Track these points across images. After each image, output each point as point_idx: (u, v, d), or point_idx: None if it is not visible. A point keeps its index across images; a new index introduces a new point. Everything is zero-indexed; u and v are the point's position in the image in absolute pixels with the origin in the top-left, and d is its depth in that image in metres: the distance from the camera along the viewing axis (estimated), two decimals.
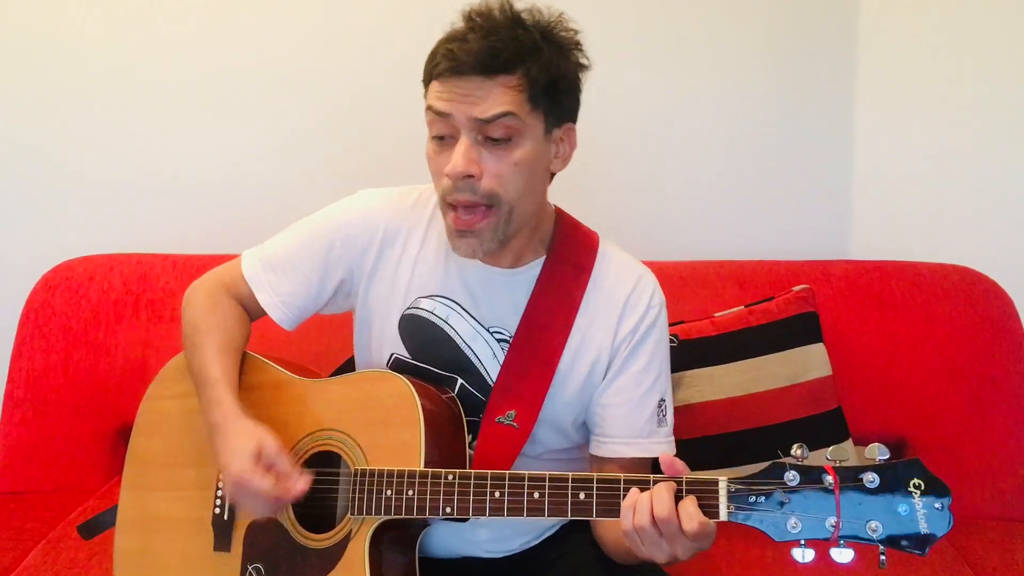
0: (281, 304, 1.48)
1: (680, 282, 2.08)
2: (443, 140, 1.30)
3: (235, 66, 2.23)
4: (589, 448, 1.48)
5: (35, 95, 2.23)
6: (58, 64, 2.21)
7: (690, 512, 1.12)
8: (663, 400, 1.45)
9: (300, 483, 1.30)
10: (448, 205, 1.32)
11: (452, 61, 1.25)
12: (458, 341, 1.44)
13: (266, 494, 1.28)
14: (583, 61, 1.35)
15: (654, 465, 1.35)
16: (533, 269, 1.44)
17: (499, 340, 1.44)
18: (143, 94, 2.23)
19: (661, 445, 1.43)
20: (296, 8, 2.21)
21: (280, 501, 1.30)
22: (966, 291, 2.04)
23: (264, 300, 1.49)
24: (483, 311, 1.44)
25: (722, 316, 1.96)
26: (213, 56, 2.22)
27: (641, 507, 1.14)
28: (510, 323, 1.44)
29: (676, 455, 1.20)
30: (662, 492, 1.14)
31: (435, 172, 1.33)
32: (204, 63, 2.22)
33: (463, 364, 1.44)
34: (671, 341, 1.81)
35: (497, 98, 1.26)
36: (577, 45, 1.34)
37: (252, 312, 1.52)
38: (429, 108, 1.30)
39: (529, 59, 1.27)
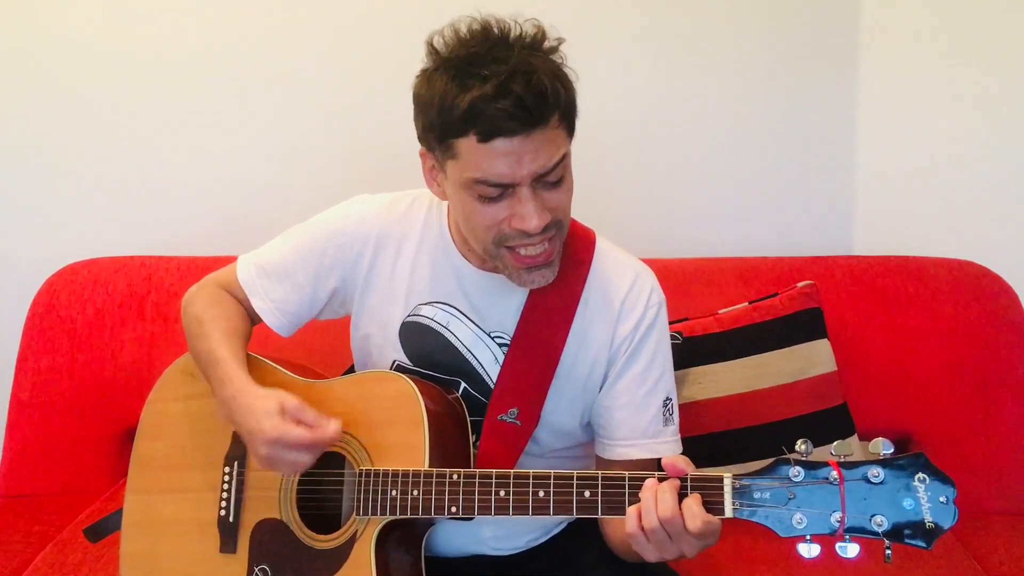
0: (276, 310, 1.49)
1: (684, 279, 2.08)
2: (492, 198, 1.24)
3: (239, 68, 2.23)
4: (596, 450, 1.48)
5: (39, 98, 2.24)
6: (61, 66, 2.22)
7: (694, 511, 1.12)
8: (669, 399, 1.44)
9: (332, 425, 1.28)
10: (507, 248, 1.28)
11: (510, 121, 1.17)
12: (459, 347, 1.44)
13: (302, 442, 1.26)
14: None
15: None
16: None
17: (500, 344, 1.44)
18: (147, 96, 2.23)
19: (668, 444, 1.43)
20: (299, 10, 2.21)
21: (317, 446, 1.28)
22: (970, 286, 2.04)
23: (258, 306, 1.49)
24: (484, 316, 1.44)
25: (726, 313, 1.95)
26: (217, 58, 2.22)
27: (647, 509, 1.14)
28: (510, 327, 1.43)
29: (682, 452, 1.20)
30: (665, 492, 1.14)
31: (484, 225, 1.27)
32: (208, 65, 2.23)
33: (465, 369, 1.44)
34: (675, 339, 1.83)
35: (551, 145, 1.22)
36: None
37: (249, 315, 1.53)
38: (481, 181, 1.21)
39: (559, 87, 1.22)
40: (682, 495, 1.14)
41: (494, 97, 1.16)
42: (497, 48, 1.20)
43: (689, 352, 1.89)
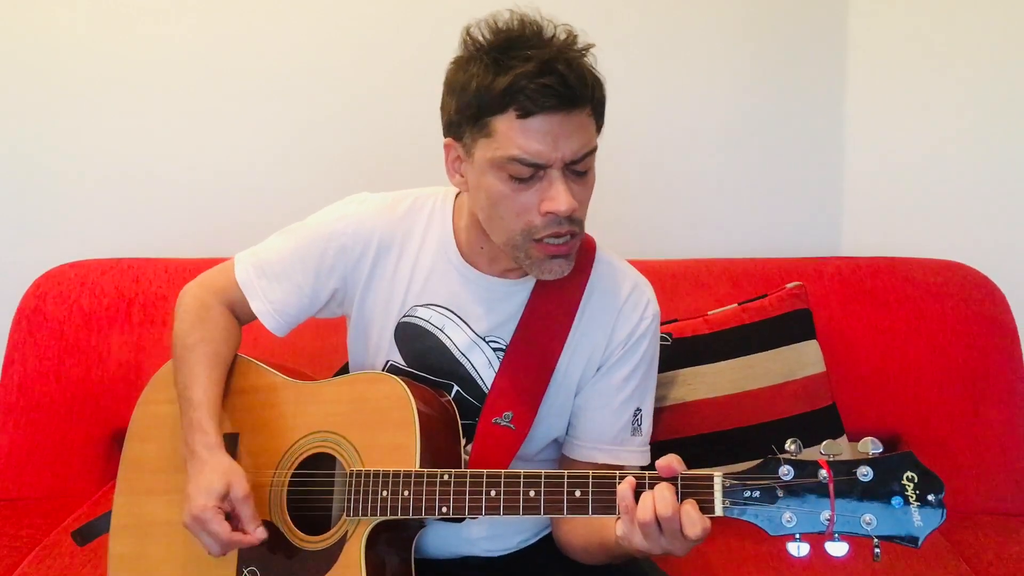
0: (274, 312, 1.48)
1: (673, 280, 2.08)
2: (523, 180, 1.25)
3: (227, 68, 2.22)
4: (563, 448, 1.50)
5: (25, 98, 2.22)
6: (48, 66, 2.21)
7: (693, 518, 1.11)
8: (639, 410, 1.46)
9: (257, 534, 1.31)
10: (534, 240, 1.29)
11: (553, 98, 1.19)
12: (453, 350, 1.44)
13: (219, 538, 1.29)
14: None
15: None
16: (531, 280, 1.43)
17: (495, 349, 1.44)
18: (135, 97, 2.22)
19: (634, 455, 1.45)
20: (292, 9, 2.20)
21: (230, 547, 1.31)
22: (958, 286, 2.04)
23: (257, 307, 1.48)
24: (480, 321, 1.44)
25: (715, 314, 1.96)
26: (205, 58, 2.21)
27: (644, 504, 1.14)
28: (506, 333, 1.44)
29: (668, 453, 1.20)
30: (664, 491, 1.13)
31: (515, 211, 1.27)
32: (196, 65, 2.22)
33: (458, 372, 1.44)
34: (665, 340, 1.84)
35: (585, 132, 1.24)
36: None
37: (243, 317, 1.52)
38: (515, 159, 1.22)
39: (594, 81, 1.26)
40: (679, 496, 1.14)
41: (538, 73, 1.19)
42: (536, 37, 1.24)
43: (678, 353, 1.89)
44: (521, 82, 1.19)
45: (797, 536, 1.08)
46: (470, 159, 1.29)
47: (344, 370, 1.63)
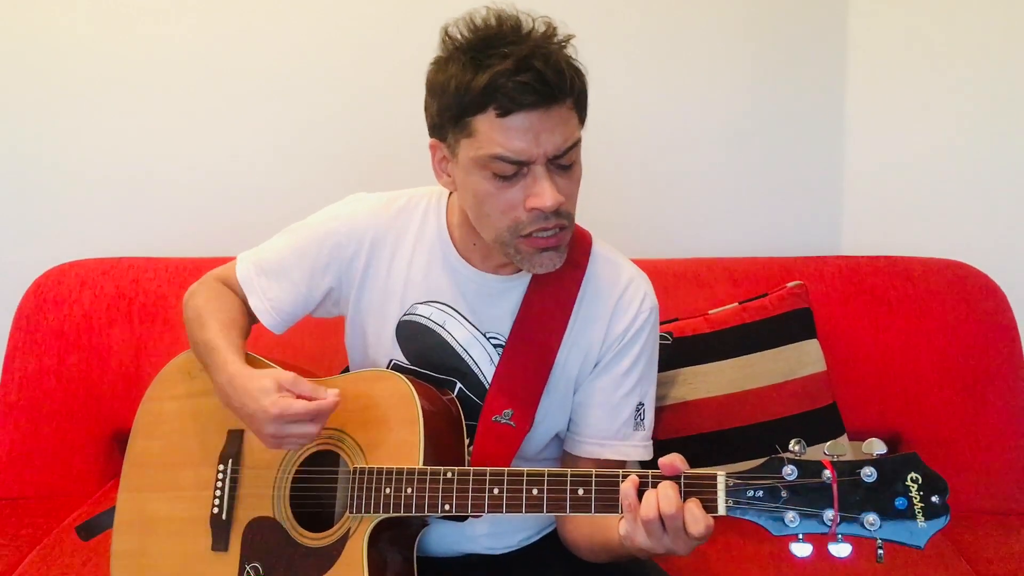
0: (271, 309, 1.49)
1: (674, 280, 2.08)
2: (507, 177, 1.25)
3: (227, 68, 2.22)
4: (564, 445, 1.50)
5: (25, 97, 2.22)
6: (48, 66, 2.20)
7: (696, 515, 1.11)
8: (642, 404, 1.46)
9: (331, 393, 1.28)
10: (522, 236, 1.29)
11: (531, 95, 1.19)
12: (455, 346, 1.44)
13: (306, 413, 1.25)
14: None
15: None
16: (527, 276, 1.43)
17: (496, 345, 1.44)
18: (134, 96, 2.22)
19: (637, 449, 1.45)
20: (292, 9, 2.20)
21: (321, 416, 1.27)
22: (958, 285, 2.04)
23: (255, 305, 1.49)
24: (480, 317, 1.44)
25: (716, 313, 1.96)
26: (204, 58, 2.21)
27: (648, 501, 1.14)
28: (506, 328, 1.44)
29: (669, 453, 1.20)
30: (668, 489, 1.13)
31: (501, 209, 1.27)
32: (195, 65, 2.21)
33: (461, 369, 1.45)
34: (665, 339, 1.84)
35: (566, 125, 1.24)
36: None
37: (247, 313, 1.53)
38: (498, 157, 1.22)
39: (573, 74, 1.25)
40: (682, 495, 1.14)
41: (515, 71, 1.18)
42: (513, 33, 1.23)
43: (679, 353, 1.89)
44: (499, 81, 1.19)
45: (800, 536, 1.08)
46: (455, 159, 1.29)
47: (346, 372, 1.63)
